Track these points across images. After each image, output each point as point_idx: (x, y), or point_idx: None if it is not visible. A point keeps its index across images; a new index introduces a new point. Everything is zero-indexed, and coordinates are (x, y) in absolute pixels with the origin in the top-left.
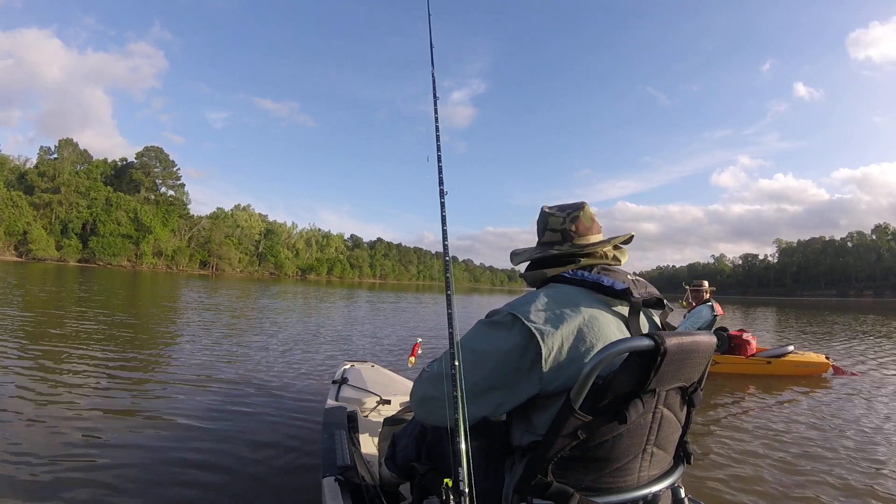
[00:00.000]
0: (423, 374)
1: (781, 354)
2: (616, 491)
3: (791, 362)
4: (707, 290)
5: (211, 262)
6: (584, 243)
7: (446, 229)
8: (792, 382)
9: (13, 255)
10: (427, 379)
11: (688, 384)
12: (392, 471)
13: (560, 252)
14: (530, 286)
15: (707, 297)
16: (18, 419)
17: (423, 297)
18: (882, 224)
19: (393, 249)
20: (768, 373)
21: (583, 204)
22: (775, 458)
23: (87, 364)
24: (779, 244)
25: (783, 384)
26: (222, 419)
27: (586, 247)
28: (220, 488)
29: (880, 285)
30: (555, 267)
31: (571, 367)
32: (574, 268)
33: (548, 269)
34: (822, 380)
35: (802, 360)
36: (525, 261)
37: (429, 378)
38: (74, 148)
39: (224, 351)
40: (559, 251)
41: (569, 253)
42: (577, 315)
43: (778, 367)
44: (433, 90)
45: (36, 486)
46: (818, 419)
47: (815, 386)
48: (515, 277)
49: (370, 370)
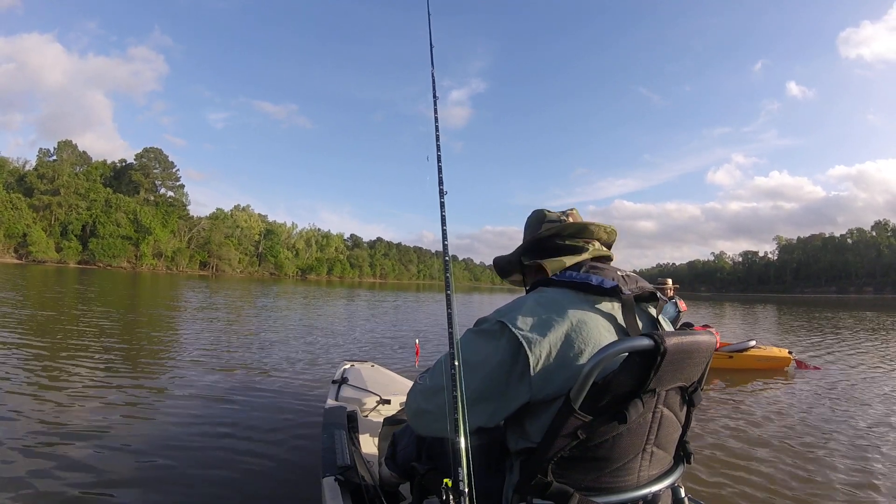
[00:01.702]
0: (417, 387)
1: (744, 349)
2: (616, 491)
3: (753, 356)
4: (671, 288)
5: (211, 262)
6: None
7: (446, 228)
8: (757, 376)
9: (13, 258)
10: (420, 392)
11: (688, 384)
12: (392, 471)
13: (553, 230)
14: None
15: (671, 294)
16: (18, 418)
17: (422, 297)
18: (882, 221)
19: (393, 249)
20: (730, 367)
21: (573, 209)
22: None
23: (87, 365)
24: (779, 241)
25: (747, 378)
26: (222, 419)
27: (581, 223)
28: (220, 488)
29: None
30: (549, 256)
31: (561, 374)
32: (560, 268)
33: (539, 258)
34: (785, 374)
35: (764, 355)
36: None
37: (422, 391)
38: (74, 150)
39: (224, 351)
40: (553, 229)
41: (563, 228)
42: (565, 320)
43: (740, 361)
44: (433, 90)
45: (35, 484)
46: (786, 412)
47: (779, 379)
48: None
49: (370, 370)
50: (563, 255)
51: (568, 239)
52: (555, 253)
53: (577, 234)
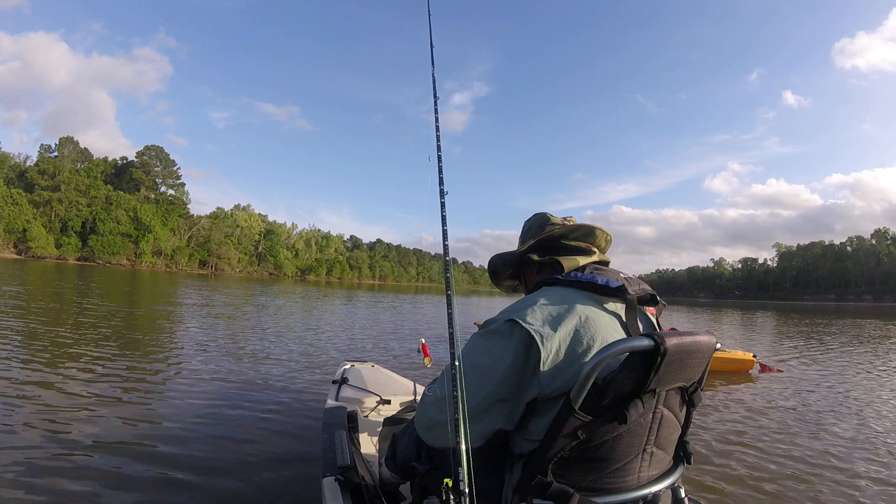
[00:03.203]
0: (426, 399)
1: None
2: (616, 491)
3: (717, 359)
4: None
5: (210, 261)
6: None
7: (447, 229)
8: (719, 378)
9: (12, 253)
10: (431, 404)
11: (688, 384)
12: (392, 471)
13: (563, 230)
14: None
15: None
16: (16, 417)
17: (421, 298)
18: (882, 229)
19: (392, 251)
20: None
21: (571, 217)
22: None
23: (86, 365)
24: (778, 248)
25: (709, 380)
26: (222, 419)
27: (589, 226)
28: (220, 488)
29: (880, 290)
30: (554, 253)
31: (569, 369)
32: (575, 266)
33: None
34: (749, 376)
35: (728, 357)
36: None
37: (433, 402)
38: (75, 146)
39: (223, 351)
40: (563, 229)
41: (573, 229)
42: (574, 316)
43: None
44: (433, 90)
45: (33, 482)
46: (752, 412)
47: (744, 382)
48: None
49: (370, 370)
50: (573, 255)
51: (574, 241)
52: (564, 253)
53: (583, 238)
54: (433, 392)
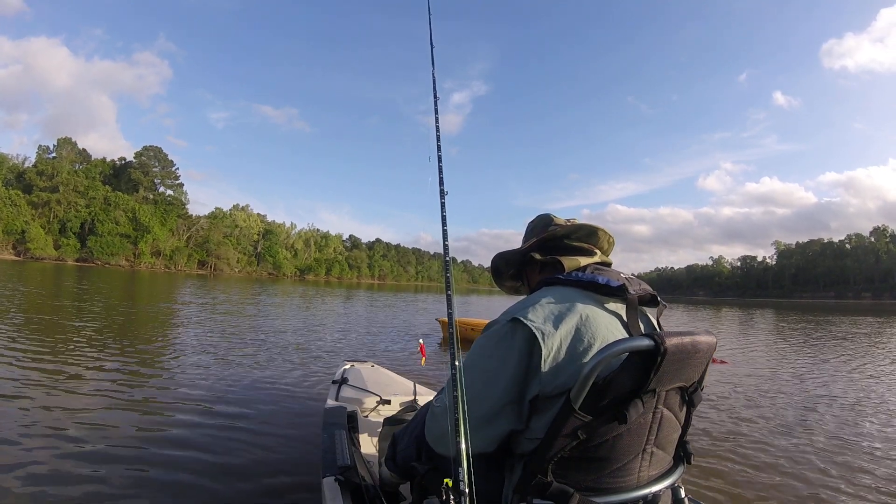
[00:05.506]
0: (436, 410)
1: None
2: (616, 491)
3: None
4: None
5: (209, 261)
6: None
7: (447, 229)
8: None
9: (11, 254)
10: (441, 414)
11: (688, 384)
12: (392, 471)
13: (566, 230)
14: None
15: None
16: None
17: (420, 297)
18: (881, 227)
19: (391, 250)
20: None
21: (574, 219)
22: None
23: (86, 365)
24: (777, 246)
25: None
26: (222, 419)
27: (592, 227)
28: (220, 487)
29: (879, 287)
30: (555, 252)
31: (569, 368)
32: (576, 266)
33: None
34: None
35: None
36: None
37: (443, 413)
38: (73, 147)
39: (223, 351)
40: (566, 229)
41: (576, 229)
42: (574, 314)
43: None
44: (433, 90)
45: (33, 483)
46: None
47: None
48: None
49: (370, 370)
50: (576, 255)
51: (576, 241)
52: (566, 253)
53: (585, 238)
54: (441, 402)
